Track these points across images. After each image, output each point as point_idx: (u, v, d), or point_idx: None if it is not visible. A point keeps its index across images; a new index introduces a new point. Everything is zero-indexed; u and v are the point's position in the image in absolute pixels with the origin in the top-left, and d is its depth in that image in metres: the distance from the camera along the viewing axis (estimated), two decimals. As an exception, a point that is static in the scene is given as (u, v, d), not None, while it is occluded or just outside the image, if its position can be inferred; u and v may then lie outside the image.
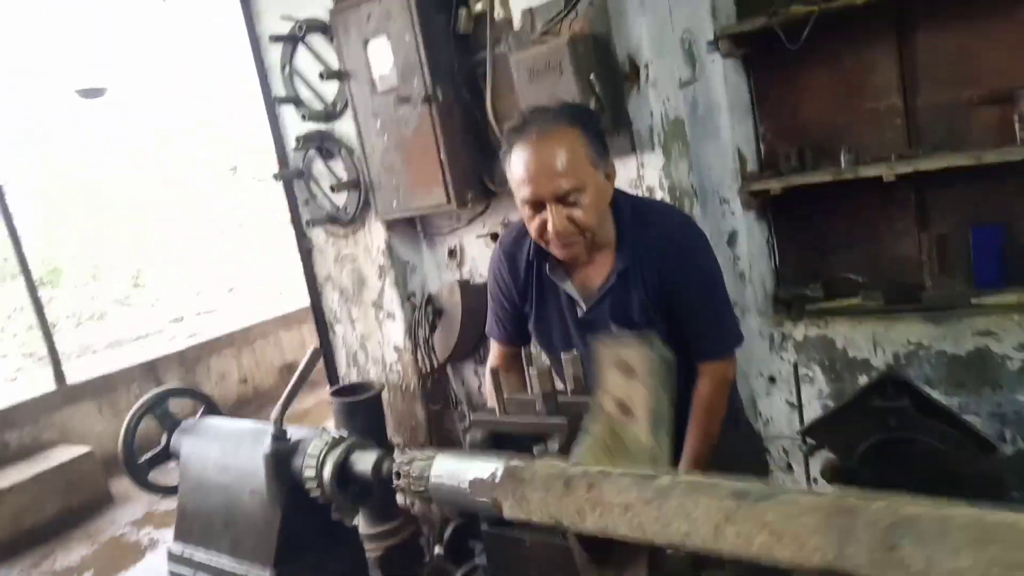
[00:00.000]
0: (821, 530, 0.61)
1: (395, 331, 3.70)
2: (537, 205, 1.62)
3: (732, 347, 1.85)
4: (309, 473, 1.52)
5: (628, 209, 1.77)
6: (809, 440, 2.76)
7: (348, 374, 4.02)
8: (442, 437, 3.84)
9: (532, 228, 1.67)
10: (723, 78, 2.63)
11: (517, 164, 1.62)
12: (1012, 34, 2.37)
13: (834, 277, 2.81)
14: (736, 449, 2.05)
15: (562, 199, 1.59)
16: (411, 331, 3.61)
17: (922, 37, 2.51)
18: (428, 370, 3.47)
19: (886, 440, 2.50)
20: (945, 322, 2.42)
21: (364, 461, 1.49)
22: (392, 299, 3.66)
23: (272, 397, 7.21)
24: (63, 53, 9.82)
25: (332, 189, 3.49)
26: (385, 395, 3.71)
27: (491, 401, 2.11)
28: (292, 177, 3.77)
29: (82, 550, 5.14)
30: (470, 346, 3.53)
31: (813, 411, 2.69)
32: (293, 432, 1.61)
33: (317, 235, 3.86)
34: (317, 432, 1.60)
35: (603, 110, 2.45)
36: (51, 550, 5.17)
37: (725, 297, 1.87)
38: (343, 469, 1.50)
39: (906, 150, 2.55)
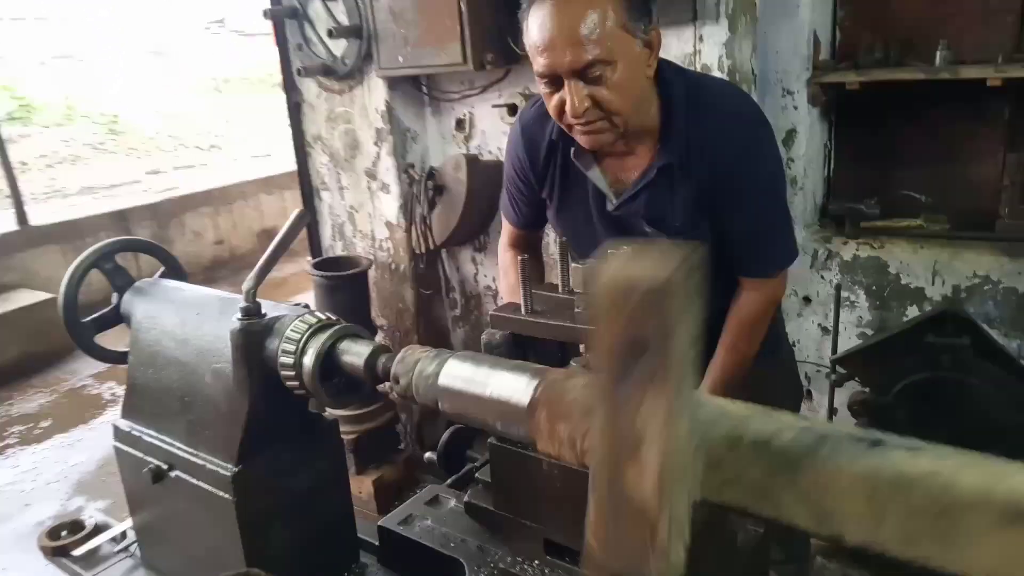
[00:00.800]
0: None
1: (389, 205, 3.36)
2: (555, 79, 1.34)
3: (787, 264, 1.57)
4: (286, 360, 1.23)
5: (681, 88, 1.45)
6: (840, 369, 2.55)
7: (332, 247, 3.71)
8: (430, 324, 3.59)
9: (551, 108, 1.40)
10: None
11: (533, 26, 1.34)
12: None
13: (895, 194, 2.49)
14: (773, 375, 1.81)
15: (582, 73, 1.31)
16: (407, 207, 3.27)
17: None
18: (423, 251, 3.16)
19: (932, 379, 2.29)
20: (1017, 255, 2.15)
21: (353, 354, 1.21)
22: (388, 169, 3.29)
23: (248, 262, 6.85)
24: None
25: (330, 34, 3.04)
26: (372, 273, 3.42)
27: (505, 290, 1.80)
28: (284, 16, 3.29)
29: (40, 398, 4.96)
30: (472, 230, 3.21)
31: (848, 339, 2.45)
32: (268, 308, 1.31)
33: (308, 88, 3.43)
34: (297, 311, 1.31)
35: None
36: (8, 395, 4.99)
37: (786, 205, 1.60)
38: (327, 359, 1.22)
39: (1015, 53, 2.17)
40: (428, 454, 1.55)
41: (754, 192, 1.48)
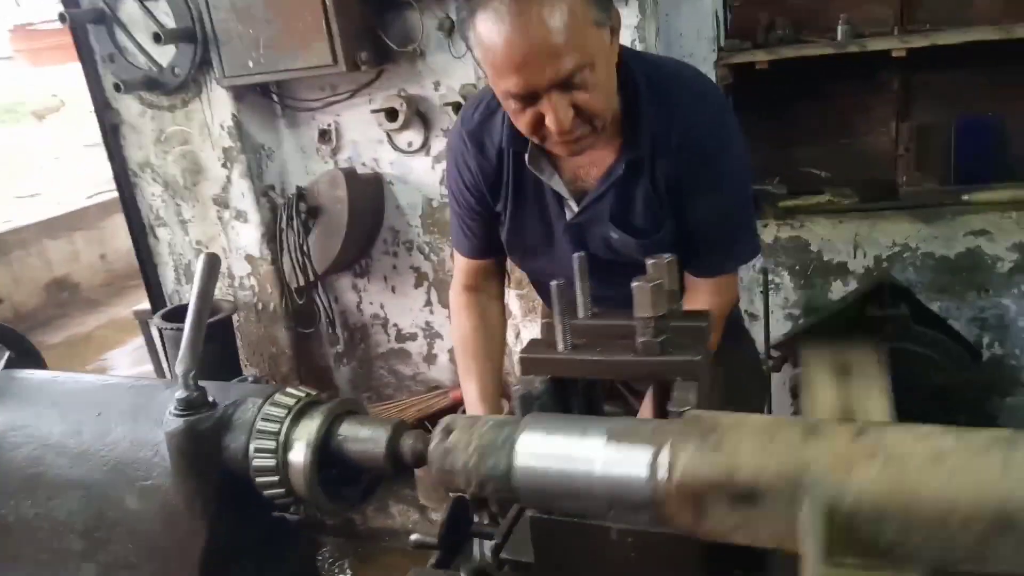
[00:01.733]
0: None
1: (248, 235, 2.90)
2: (530, 96, 1.15)
3: (749, 259, 1.47)
4: (264, 461, 0.87)
5: (642, 76, 1.30)
6: (775, 353, 2.52)
7: (178, 292, 3.15)
8: (311, 368, 3.16)
9: (523, 125, 1.21)
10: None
11: (492, 41, 1.12)
12: None
13: (796, 172, 2.51)
14: (738, 369, 1.69)
15: (564, 84, 1.13)
16: (272, 236, 2.83)
17: None
18: (301, 284, 2.75)
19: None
20: (936, 221, 2.21)
21: (363, 440, 0.88)
22: (243, 193, 2.83)
23: (41, 320, 5.91)
24: None
25: (156, 39, 2.54)
26: (234, 317, 2.94)
27: (460, 344, 1.53)
28: (86, 20, 2.73)
29: None
30: (356, 254, 2.85)
31: (776, 322, 2.41)
32: (213, 391, 0.94)
33: (127, 106, 2.87)
34: (256, 390, 0.95)
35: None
36: None
37: (751, 196, 1.47)
38: (324, 452, 0.88)
39: (904, 24, 2.24)
40: (415, 536, 1.23)
41: (721, 181, 1.34)
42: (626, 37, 2.07)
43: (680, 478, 0.60)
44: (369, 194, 2.73)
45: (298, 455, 0.87)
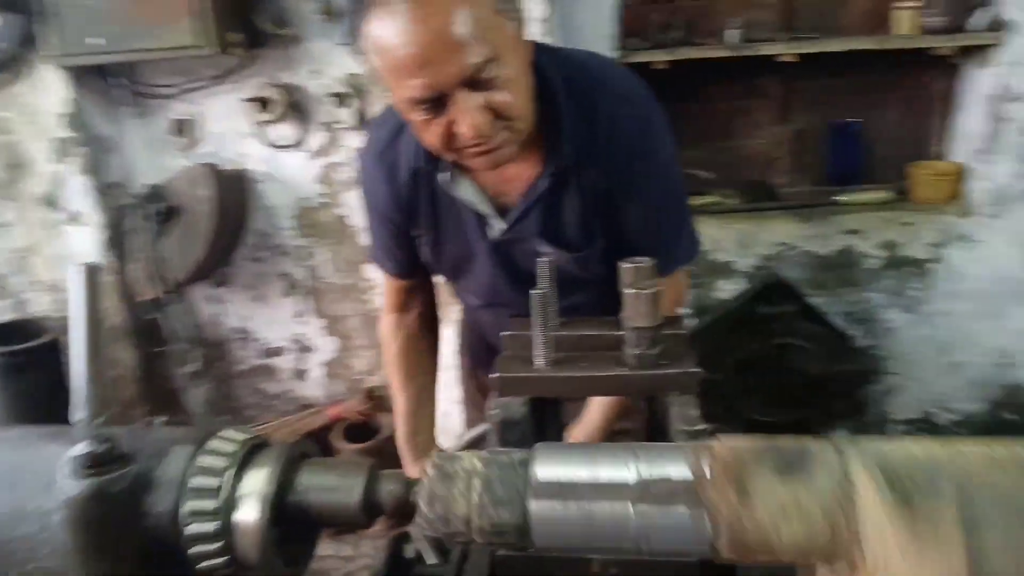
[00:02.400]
0: None
1: (84, 241, 2.51)
2: (435, 101, 1.01)
3: (692, 258, 1.39)
4: (202, 527, 0.68)
5: (559, 78, 1.17)
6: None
7: (-6, 309, 2.68)
8: (160, 390, 2.79)
9: (433, 138, 1.06)
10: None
11: (386, 40, 0.99)
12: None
13: (683, 174, 2.55)
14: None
15: (472, 82, 1.00)
16: (117, 240, 2.46)
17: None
18: (155, 295, 2.40)
19: (763, 348, 2.38)
20: (814, 220, 2.32)
21: (330, 488, 0.72)
22: (79, 192, 2.45)
23: None
24: None
25: (-37, 6, 2.12)
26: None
27: (393, 366, 1.45)
28: None
29: None
30: (219, 260, 2.54)
31: (669, 323, 2.43)
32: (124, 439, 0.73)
33: (-78, 87, 2.39)
34: (182, 434, 0.75)
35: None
36: None
37: (685, 193, 1.40)
38: (281, 506, 0.71)
39: (777, 33, 2.33)
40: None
41: (653, 184, 1.24)
42: (534, 33, 1.99)
43: (721, 453, 0.53)
44: (234, 193, 2.44)
45: (248, 514, 0.68)
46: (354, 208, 2.51)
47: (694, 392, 0.87)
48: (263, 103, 2.33)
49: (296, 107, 2.40)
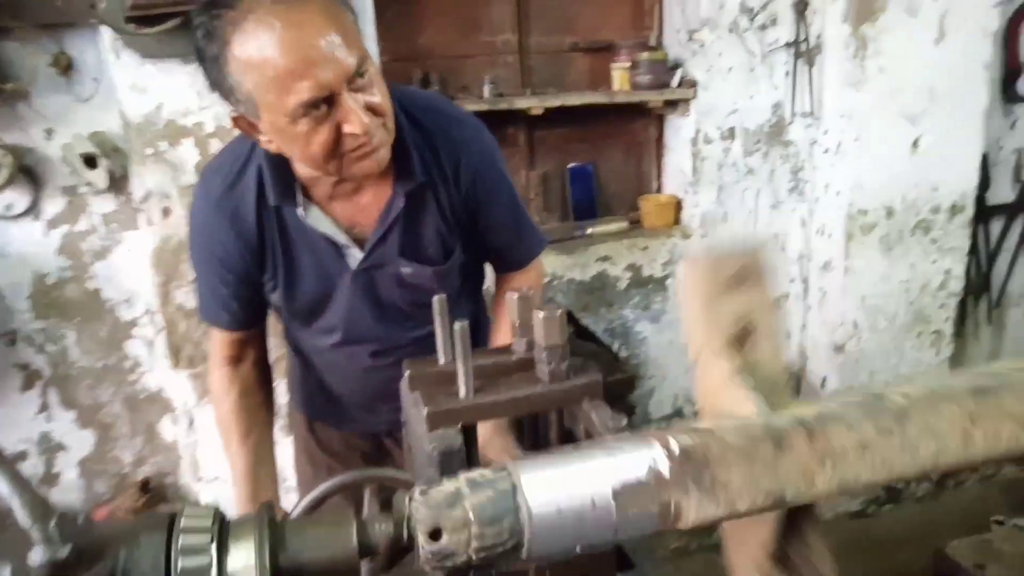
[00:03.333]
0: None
1: None
2: (320, 104, 1.06)
3: (545, 244, 1.55)
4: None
5: (396, 105, 1.28)
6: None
7: None
8: None
9: (316, 146, 1.10)
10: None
11: (265, 52, 1.03)
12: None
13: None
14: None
15: (353, 81, 1.09)
16: None
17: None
18: None
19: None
20: (574, 252, 2.60)
21: (323, 539, 0.70)
22: None
23: None
24: None
25: None
26: None
27: (226, 422, 1.41)
28: None
29: None
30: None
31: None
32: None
33: None
34: (143, 523, 0.67)
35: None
36: None
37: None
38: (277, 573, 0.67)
39: (519, 88, 2.61)
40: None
41: (500, 188, 1.40)
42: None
43: (684, 528, 0.65)
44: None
45: None
46: (109, 279, 2.23)
47: (601, 396, 0.98)
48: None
49: (26, 171, 2.08)
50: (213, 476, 2.19)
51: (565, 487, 0.64)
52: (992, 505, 2.78)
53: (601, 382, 1.00)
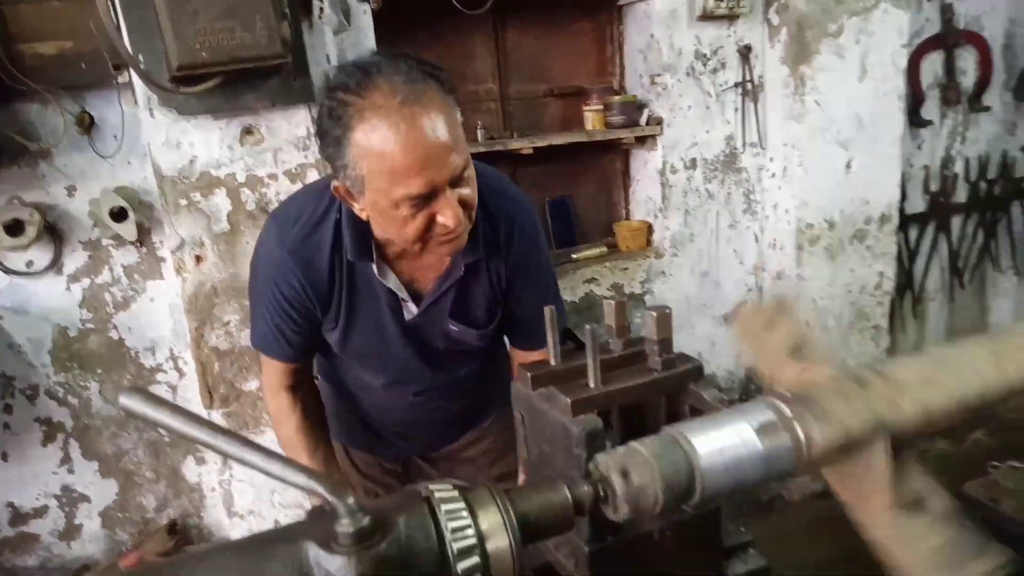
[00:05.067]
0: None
1: None
2: (424, 198, 1.14)
3: (567, 323, 1.68)
4: (466, 562, 0.72)
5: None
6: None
7: None
8: None
9: (412, 229, 1.17)
10: (372, 29, 2.29)
11: (385, 147, 1.10)
12: (575, 44, 2.88)
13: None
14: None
15: (455, 179, 1.15)
16: None
17: (511, 34, 2.74)
18: None
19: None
20: (563, 276, 2.76)
21: (551, 500, 0.81)
22: None
23: None
24: None
25: None
26: None
27: (289, 442, 1.50)
28: None
29: None
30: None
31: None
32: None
33: None
34: (397, 500, 0.77)
35: (288, 52, 1.84)
36: None
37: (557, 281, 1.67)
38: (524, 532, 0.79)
39: (502, 131, 2.78)
40: None
41: (542, 275, 1.48)
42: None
43: (816, 454, 0.80)
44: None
45: (502, 541, 0.77)
46: (131, 328, 2.24)
47: (704, 378, 1.14)
48: (13, 227, 1.98)
49: (49, 228, 2.08)
50: (248, 510, 2.21)
51: (719, 435, 0.78)
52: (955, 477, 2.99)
53: (702, 366, 1.15)
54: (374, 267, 1.33)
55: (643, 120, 2.79)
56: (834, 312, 3.05)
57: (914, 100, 3.20)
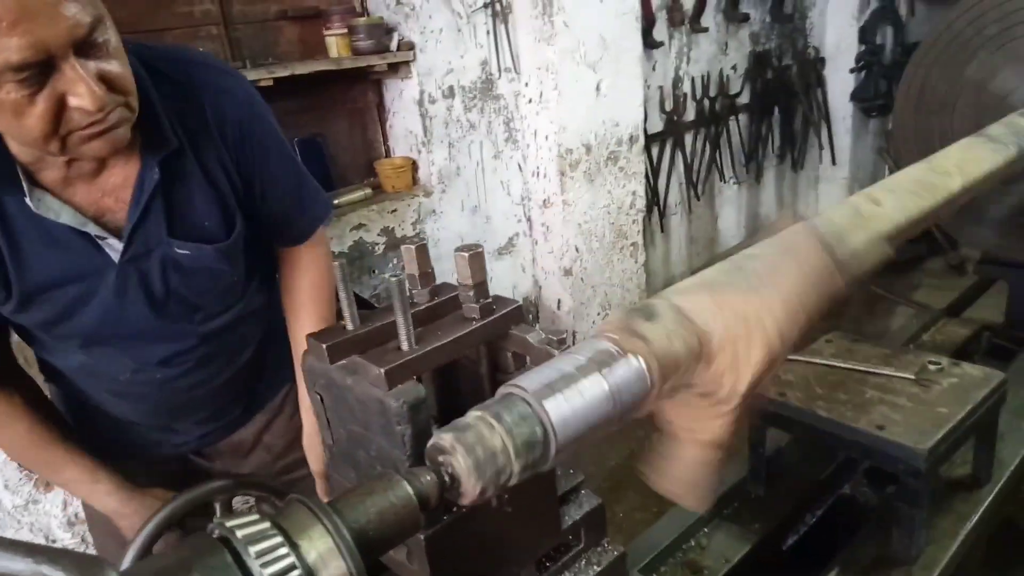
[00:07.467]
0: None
1: None
2: (39, 69, 0.86)
3: (330, 211, 1.38)
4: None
5: (136, 62, 1.06)
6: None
7: None
8: None
9: (33, 119, 0.89)
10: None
11: None
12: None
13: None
14: None
15: (84, 46, 0.89)
16: None
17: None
18: None
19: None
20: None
21: (393, 502, 0.64)
22: None
23: None
24: None
25: None
26: None
27: (16, 447, 1.22)
28: None
29: None
30: None
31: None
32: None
33: None
34: (191, 549, 0.54)
35: None
36: None
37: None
38: (363, 549, 0.60)
39: (231, 62, 2.36)
40: None
41: (273, 141, 1.21)
42: None
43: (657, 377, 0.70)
44: None
45: (336, 570, 0.58)
46: None
47: (527, 320, 1.01)
48: None
49: None
50: None
51: (562, 383, 0.67)
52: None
53: (522, 307, 1.02)
54: (28, 199, 0.99)
55: (393, 45, 2.56)
56: (597, 234, 3.15)
57: (646, 21, 3.35)
